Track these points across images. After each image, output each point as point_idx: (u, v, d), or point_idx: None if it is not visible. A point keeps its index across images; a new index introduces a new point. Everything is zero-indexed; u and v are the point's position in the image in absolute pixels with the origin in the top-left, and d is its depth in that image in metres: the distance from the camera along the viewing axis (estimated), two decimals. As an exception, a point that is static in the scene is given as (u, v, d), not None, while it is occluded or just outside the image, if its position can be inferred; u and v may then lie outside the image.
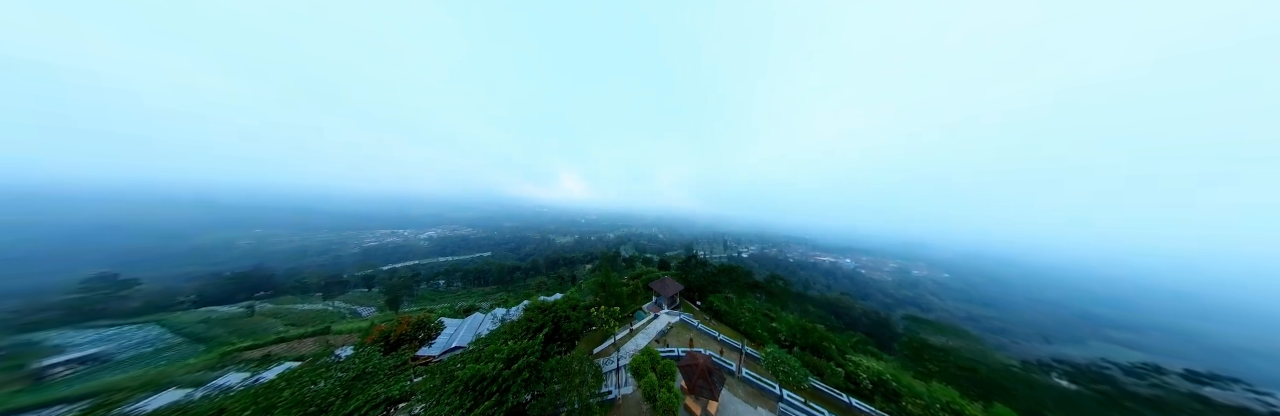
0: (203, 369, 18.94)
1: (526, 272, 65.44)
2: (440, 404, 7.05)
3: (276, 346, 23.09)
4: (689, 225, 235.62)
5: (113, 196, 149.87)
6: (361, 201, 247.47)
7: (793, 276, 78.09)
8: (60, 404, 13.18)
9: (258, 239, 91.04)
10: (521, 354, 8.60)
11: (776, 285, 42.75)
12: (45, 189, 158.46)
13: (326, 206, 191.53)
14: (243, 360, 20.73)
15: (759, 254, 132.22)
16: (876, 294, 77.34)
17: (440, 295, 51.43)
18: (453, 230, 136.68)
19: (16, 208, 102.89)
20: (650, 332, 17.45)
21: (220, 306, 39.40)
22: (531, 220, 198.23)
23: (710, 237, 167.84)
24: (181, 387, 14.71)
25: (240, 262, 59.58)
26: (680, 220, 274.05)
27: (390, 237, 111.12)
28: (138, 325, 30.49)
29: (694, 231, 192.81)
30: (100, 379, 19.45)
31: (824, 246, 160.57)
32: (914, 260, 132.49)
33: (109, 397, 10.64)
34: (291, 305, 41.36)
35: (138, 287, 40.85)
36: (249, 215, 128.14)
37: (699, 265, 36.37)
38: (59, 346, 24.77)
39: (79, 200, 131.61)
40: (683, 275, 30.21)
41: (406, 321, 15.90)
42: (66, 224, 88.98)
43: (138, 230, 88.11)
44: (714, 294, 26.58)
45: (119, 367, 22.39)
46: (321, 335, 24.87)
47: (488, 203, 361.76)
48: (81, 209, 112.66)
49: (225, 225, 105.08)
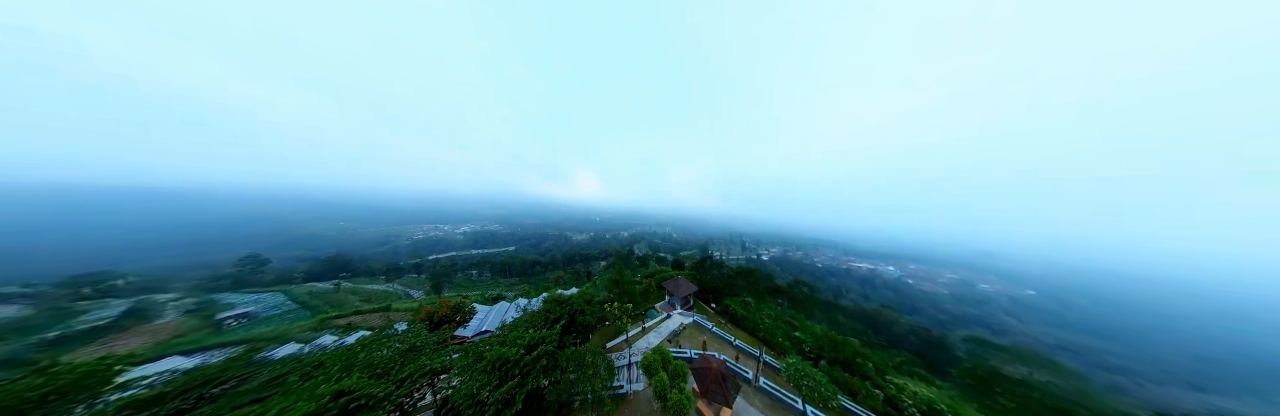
0: (308, 330, 24.57)
1: (546, 267, 70.12)
2: (473, 379, 8.05)
3: (354, 317, 28.81)
4: (703, 224, 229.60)
5: (247, 196, 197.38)
6: (411, 199, 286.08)
7: (820, 283, 71.87)
8: (230, 345, 18.49)
9: (340, 230, 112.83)
10: (540, 342, 9.22)
11: (800, 291, 40.34)
12: (208, 190, 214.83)
13: (387, 203, 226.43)
14: (333, 326, 26.17)
15: (781, 257, 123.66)
16: (927, 308, 66.93)
17: (473, 283, 57.91)
18: (483, 226, 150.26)
19: (191, 205, 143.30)
20: (662, 332, 17.50)
21: (318, 283, 49.96)
22: (550, 218, 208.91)
23: (727, 238, 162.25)
24: (297, 342, 18.88)
25: (329, 249, 74.44)
26: (694, 219, 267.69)
27: (433, 231, 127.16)
28: (271, 293, 40.68)
29: (709, 231, 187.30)
30: (250, 330, 26.54)
31: (859, 251, 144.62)
32: (981, 272, 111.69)
33: (255, 344, 14.69)
34: (364, 284, 50.64)
35: (269, 265, 54.09)
36: (334, 211, 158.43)
37: (715, 266, 35.36)
38: (231, 304, 34.54)
39: (227, 199, 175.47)
40: (697, 276, 29.69)
41: (447, 305, 18.51)
42: (223, 216, 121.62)
43: (264, 222, 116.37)
44: (731, 297, 25.82)
45: (261, 323, 30.55)
46: (384, 311, 30.14)
47: (513, 201, 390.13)
48: (230, 205, 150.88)
49: (318, 219, 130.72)
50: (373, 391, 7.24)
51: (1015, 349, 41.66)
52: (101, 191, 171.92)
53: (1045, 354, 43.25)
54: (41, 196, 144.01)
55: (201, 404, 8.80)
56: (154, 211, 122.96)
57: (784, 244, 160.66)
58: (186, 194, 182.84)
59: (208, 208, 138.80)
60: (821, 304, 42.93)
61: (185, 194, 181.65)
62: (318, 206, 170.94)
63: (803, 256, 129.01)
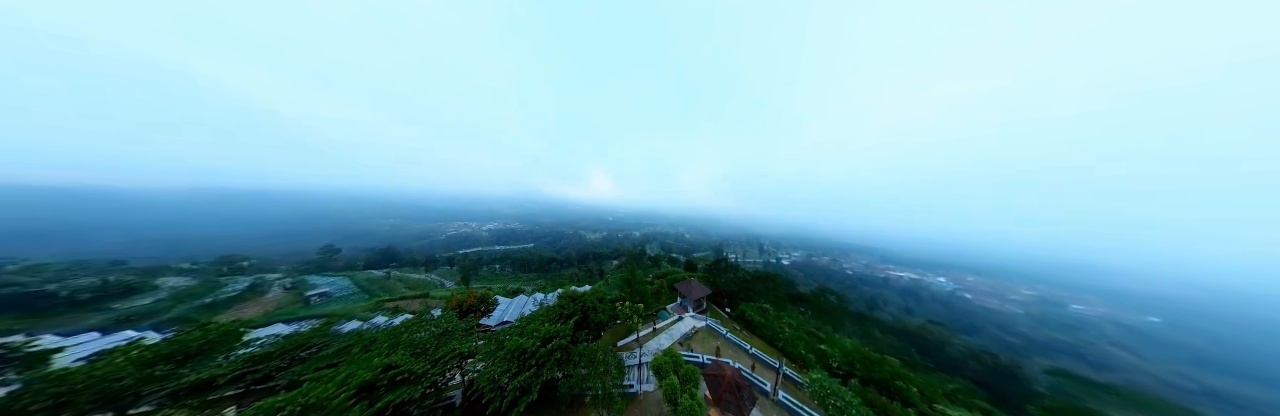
0: (366, 310, 29.22)
1: (561, 264, 73.48)
2: (494, 365, 8.76)
3: (400, 301, 33.48)
4: (717, 225, 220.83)
5: (319, 196, 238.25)
6: (445, 199, 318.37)
7: (852, 292, 64.74)
8: (313, 318, 22.81)
9: (391, 226, 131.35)
10: (554, 336, 9.66)
11: (827, 300, 37.46)
12: (294, 192, 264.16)
13: (425, 202, 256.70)
14: (385, 308, 30.64)
15: (804, 262, 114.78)
16: (990, 328, 56.29)
17: (496, 277, 63.30)
18: (505, 224, 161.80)
19: (285, 204, 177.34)
20: (674, 334, 17.39)
21: (374, 271, 58.64)
22: (565, 217, 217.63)
23: (743, 240, 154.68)
24: (358, 320, 22.99)
25: (381, 242, 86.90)
26: (708, 220, 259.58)
27: (463, 228, 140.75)
28: (340, 277, 49.01)
29: (723, 232, 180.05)
30: (326, 307, 32.57)
31: (899, 258, 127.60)
32: (1073, 290, 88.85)
33: (330, 319, 17.92)
34: (408, 274, 58.06)
35: (340, 254, 65.70)
36: (384, 209, 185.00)
37: (730, 269, 33.98)
38: (314, 285, 42.46)
39: (306, 199, 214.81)
40: (711, 278, 28.65)
41: (474, 295, 20.28)
42: (305, 213, 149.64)
43: (332, 218, 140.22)
44: (747, 302, 24.74)
45: (334, 302, 36.83)
46: (423, 297, 34.50)
47: (531, 201, 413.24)
48: (308, 204, 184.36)
49: (372, 216, 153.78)
50: (413, 368, 8.32)
51: (1129, 391, 33.28)
52: (231, 193, 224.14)
53: (1180, 402, 32.94)
54: (193, 197, 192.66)
55: (294, 364, 11.00)
56: (263, 209, 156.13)
57: (807, 247, 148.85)
58: (281, 195, 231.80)
59: (295, 206, 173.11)
60: (852, 315, 38.86)
61: (280, 195, 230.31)
62: (371, 205, 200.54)
63: (830, 262, 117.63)
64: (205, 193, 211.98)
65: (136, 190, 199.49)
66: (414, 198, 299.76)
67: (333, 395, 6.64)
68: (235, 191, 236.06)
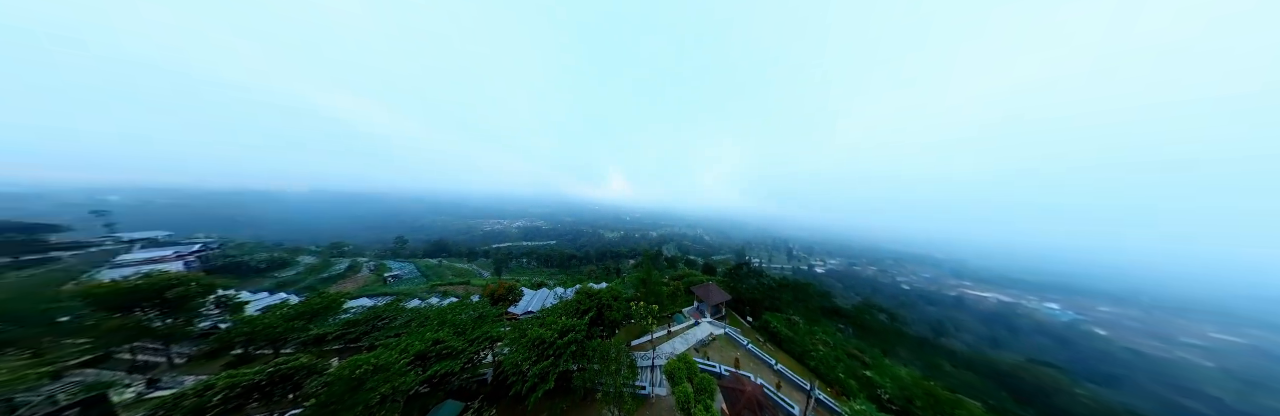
0: (424, 291, 34.99)
1: (581, 261, 77.53)
2: (517, 351, 9.55)
3: (448, 286, 39.25)
4: (740, 227, 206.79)
5: (391, 197, 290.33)
6: (481, 197, 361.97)
7: (909, 312, 53.35)
8: (388, 295, 28.11)
9: (442, 222, 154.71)
10: (571, 330, 10.07)
11: (873, 318, 32.53)
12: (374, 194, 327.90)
13: (467, 200, 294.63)
14: (438, 291, 36.25)
15: (844, 271, 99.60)
16: (1147, 382, 35.97)
17: (523, 270, 69.71)
18: (531, 222, 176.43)
19: (369, 203, 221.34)
20: (689, 339, 16.86)
21: (429, 259, 70.54)
22: (585, 216, 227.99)
23: (768, 243, 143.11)
24: (418, 299, 27.40)
25: (434, 235, 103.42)
26: (729, 221, 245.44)
27: (496, 225, 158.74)
28: (408, 263, 59.80)
29: (746, 234, 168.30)
30: (397, 287, 39.94)
31: (981, 273, 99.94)
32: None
33: (400, 297, 22.15)
34: (454, 263, 67.82)
35: (407, 244, 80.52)
36: (437, 207, 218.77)
37: (753, 275, 31.38)
38: (390, 268, 52.63)
39: (381, 199, 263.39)
40: (731, 283, 27.01)
41: (504, 285, 22.70)
42: (381, 210, 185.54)
43: (400, 214, 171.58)
44: (772, 312, 22.88)
45: (404, 283, 44.74)
46: (465, 284, 39.72)
47: (554, 200, 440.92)
48: (382, 203, 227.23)
49: (428, 212, 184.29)
50: (455, 344, 9.64)
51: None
52: (334, 194, 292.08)
53: None
54: (312, 196, 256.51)
55: (373, 330, 13.68)
56: (355, 206, 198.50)
57: (847, 255, 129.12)
58: (366, 195, 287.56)
59: (375, 204, 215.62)
60: (910, 340, 32.75)
61: (365, 195, 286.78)
62: (426, 204, 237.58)
63: (877, 273, 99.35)
64: (321, 194, 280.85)
65: (282, 192, 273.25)
66: (458, 197, 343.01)
67: (395, 360, 8.07)
68: (337, 192, 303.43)
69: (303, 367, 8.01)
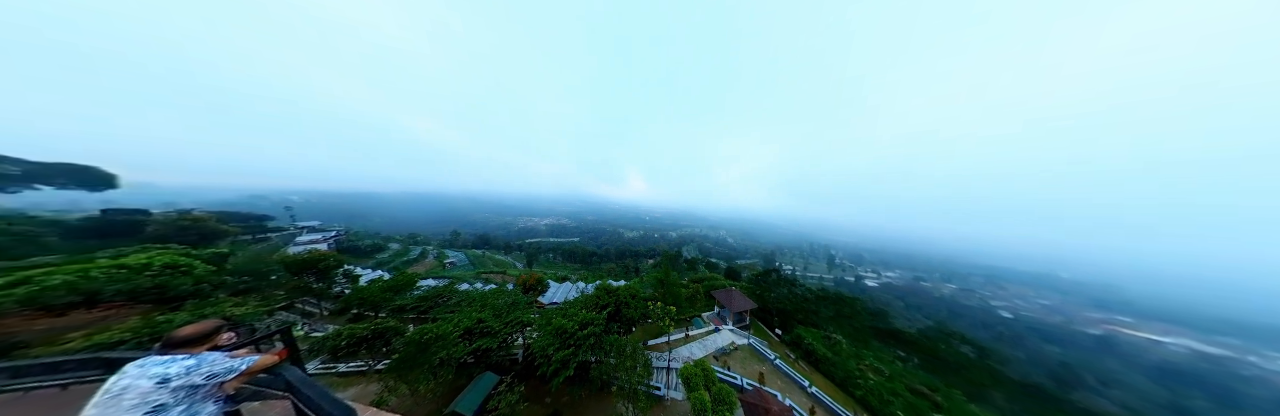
0: (471, 277, 41.34)
1: (601, 258, 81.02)
2: (543, 337, 10.48)
3: (490, 274, 45.59)
4: (769, 230, 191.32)
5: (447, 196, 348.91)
6: (513, 197, 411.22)
7: (1012, 348, 38.86)
8: (445, 279, 34.04)
9: (485, 219, 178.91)
10: (590, 323, 10.55)
11: (950, 349, 26.48)
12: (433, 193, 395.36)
13: (503, 200, 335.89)
14: (482, 277, 42.29)
15: (906, 286, 79.51)
16: None
17: (550, 264, 76.41)
18: (557, 220, 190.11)
19: (433, 202, 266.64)
20: (707, 345, 16.24)
21: (476, 250, 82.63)
22: (605, 215, 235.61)
23: (804, 248, 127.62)
24: (467, 283, 32.55)
25: (479, 230, 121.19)
26: (756, 223, 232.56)
27: (527, 222, 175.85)
28: (462, 252, 71.14)
29: (777, 238, 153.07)
30: (453, 272, 47.85)
31: (1145, 305, 66.35)
32: None
33: (454, 281, 26.66)
34: (494, 255, 78.34)
35: (461, 236, 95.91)
36: (480, 206, 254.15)
37: (783, 283, 28.19)
38: (448, 255, 63.37)
39: (441, 197, 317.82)
40: (757, 290, 24.82)
41: (534, 276, 25.33)
42: (442, 208, 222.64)
43: (454, 212, 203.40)
44: (807, 327, 20.58)
45: (458, 269, 53.59)
46: (503, 274, 45.56)
47: (578, 200, 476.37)
48: (443, 202, 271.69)
49: (474, 211, 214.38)
50: (493, 324, 11.19)
51: None
52: (410, 194, 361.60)
53: None
54: (398, 196, 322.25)
55: (435, 306, 16.92)
56: (424, 204, 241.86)
57: (910, 267, 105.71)
58: (429, 195, 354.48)
59: (437, 202, 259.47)
60: (1010, 385, 25.19)
61: (429, 195, 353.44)
62: (473, 202, 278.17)
63: (957, 293, 76.56)
64: (401, 194, 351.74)
65: (378, 192, 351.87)
66: (497, 197, 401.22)
67: (449, 332, 9.87)
68: (411, 193, 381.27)
69: (391, 328, 10.58)
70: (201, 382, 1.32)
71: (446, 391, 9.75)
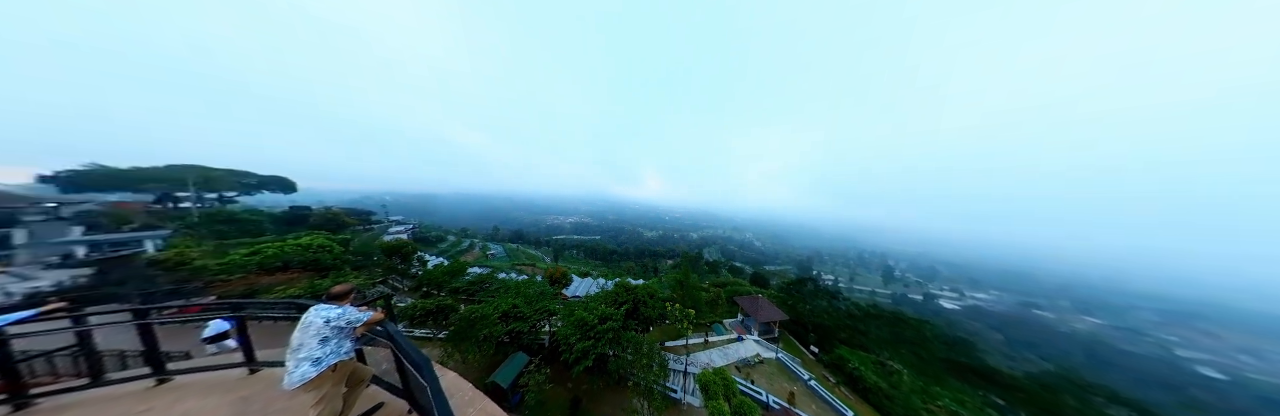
0: (508, 268, 46.96)
1: (621, 256, 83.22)
2: (566, 327, 11.30)
3: (522, 266, 50.99)
4: (807, 233, 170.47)
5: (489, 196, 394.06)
6: (542, 197, 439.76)
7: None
8: (487, 267, 39.45)
9: (519, 217, 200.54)
10: (609, 318, 11.00)
11: (1089, 410, 19.07)
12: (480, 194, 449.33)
13: (534, 200, 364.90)
14: (516, 268, 47.49)
15: (1008, 312, 58.96)
16: None
17: (574, 260, 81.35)
18: (580, 218, 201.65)
19: (479, 201, 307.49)
20: (729, 354, 15.50)
21: (510, 243, 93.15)
22: (625, 215, 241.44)
23: (851, 257, 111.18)
24: (503, 273, 36.77)
25: (514, 226, 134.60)
26: (790, 225, 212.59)
27: (554, 220, 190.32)
28: (501, 245, 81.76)
29: (815, 242, 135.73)
30: (494, 262, 55.00)
31: None
32: None
33: (495, 270, 30.79)
34: (526, 249, 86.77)
35: (500, 231, 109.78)
36: (515, 204, 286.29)
37: (822, 294, 25.66)
38: (490, 247, 74.43)
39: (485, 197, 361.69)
40: (788, 301, 22.64)
41: (559, 270, 27.45)
42: (484, 207, 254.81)
43: (495, 210, 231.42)
44: (853, 348, 18.16)
45: (498, 259, 61.52)
46: (533, 266, 50.03)
47: (599, 199, 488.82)
48: (486, 201, 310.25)
49: (510, 209, 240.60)
50: (525, 311, 12.50)
51: None
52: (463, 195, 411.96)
53: None
54: (452, 196, 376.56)
55: (480, 291, 19.53)
56: (472, 203, 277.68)
57: (1016, 288, 79.05)
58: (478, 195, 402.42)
59: (482, 202, 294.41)
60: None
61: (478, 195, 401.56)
62: (510, 202, 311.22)
63: (1107, 330, 51.77)
64: (456, 194, 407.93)
65: (437, 193, 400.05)
66: (528, 197, 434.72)
67: (490, 314, 11.47)
68: (461, 193, 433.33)
69: (448, 305, 12.87)
70: (344, 325, 1.95)
71: (488, 364, 11.37)
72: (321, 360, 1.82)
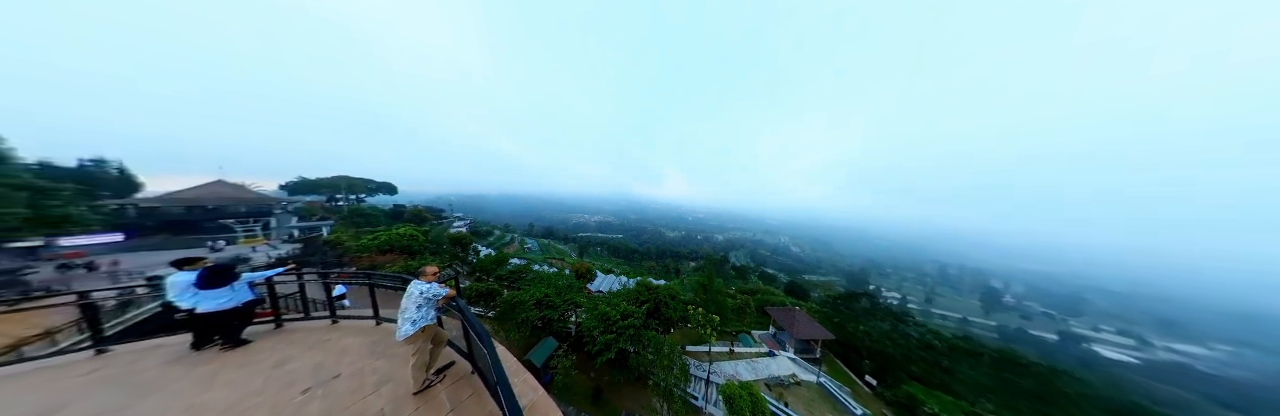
0: (541, 261, 52.01)
1: (642, 256, 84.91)
2: (589, 320, 11.98)
3: (552, 259, 56.11)
4: (853, 237, 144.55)
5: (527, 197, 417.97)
6: (570, 197, 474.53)
7: None
8: (524, 260, 44.61)
9: (550, 215, 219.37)
10: (630, 315, 11.37)
11: None
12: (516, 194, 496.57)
13: (563, 200, 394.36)
14: (547, 261, 52.58)
15: (1250, 380, 27.36)
16: None
17: (598, 256, 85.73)
18: (604, 217, 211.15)
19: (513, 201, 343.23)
20: (757, 369, 14.29)
21: (543, 239, 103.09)
22: (647, 214, 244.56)
23: (929, 271, 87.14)
24: (537, 264, 41.48)
25: (546, 223, 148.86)
26: (832, 227, 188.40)
27: (580, 218, 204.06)
28: (533, 240, 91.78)
29: (869, 249, 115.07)
30: (530, 255, 62.04)
31: None
32: None
33: (531, 262, 34.66)
34: (556, 244, 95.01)
35: (535, 227, 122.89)
36: (548, 203, 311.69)
37: (883, 315, 21.19)
38: (527, 241, 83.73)
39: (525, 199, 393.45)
40: (834, 318, 19.93)
41: (584, 265, 29.87)
42: (524, 206, 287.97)
43: (532, 208, 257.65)
44: (926, 385, 14.88)
45: (531, 253, 69.13)
46: (562, 260, 54.40)
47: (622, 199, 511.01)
48: (525, 202, 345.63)
49: (543, 208, 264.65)
50: (555, 300, 13.76)
51: None
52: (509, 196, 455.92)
53: None
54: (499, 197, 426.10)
55: (516, 281, 22.23)
56: (512, 202, 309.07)
57: (1269, 343, 42.21)
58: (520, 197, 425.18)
59: (516, 201, 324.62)
60: None
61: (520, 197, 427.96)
62: (543, 202, 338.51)
63: None
64: (500, 195, 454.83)
65: (486, 194, 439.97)
66: (557, 197, 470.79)
67: (526, 300, 12.98)
68: (503, 193, 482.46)
69: (495, 290, 15.41)
70: (431, 297, 2.47)
71: (525, 344, 12.87)
72: (416, 322, 2.38)
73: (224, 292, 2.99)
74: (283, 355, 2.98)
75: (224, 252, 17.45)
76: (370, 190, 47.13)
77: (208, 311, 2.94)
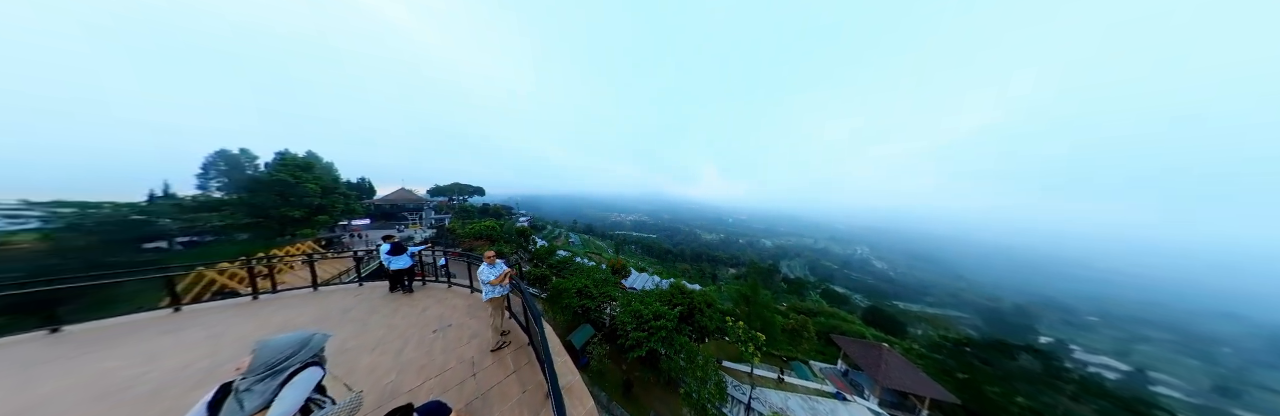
0: (582, 254, 57.60)
1: (676, 257, 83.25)
2: (623, 314, 12.29)
3: (590, 254, 61.25)
4: (986, 252, 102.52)
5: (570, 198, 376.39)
6: (608, 197, 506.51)
7: None
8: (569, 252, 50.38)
9: (590, 213, 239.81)
10: (662, 316, 11.13)
11: None
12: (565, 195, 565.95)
13: (601, 199, 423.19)
14: (587, 255, 58.57)
15: None
16: None
17: (632, 254, 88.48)
18: (639, 217, 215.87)
19: (561, 200, 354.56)
20: (814, 409, 11.61)
21: (584, 235, 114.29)
22: (681, 215, 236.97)
23: (1156, 320, 48.52)
24: (579, 257, 46.56)
25: (586, 221, 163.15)
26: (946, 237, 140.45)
27: (617, 217, 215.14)
28: (576, 235, 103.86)
29: (1032, 273, 76.65)
30: (572, 248, 69.83)
31: None
32: None
33: (573, 253, 38.54)
34: (595, 240, 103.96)
35: (578, 224, 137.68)
36: (588, 203, 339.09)
37: (1062, 378, 14.32)
38: (571, 236, 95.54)
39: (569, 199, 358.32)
40: (958, 373, 14.68)
41: (620, 262, 31.73)
42: (568, 205, 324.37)
43: (576, 206, 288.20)
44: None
45: (573, 247, 77.94)
46: (599, 255, 59.26)
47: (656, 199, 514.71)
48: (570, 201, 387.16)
49: (584, 207, 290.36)
50: (593, 291, 15.08)
51: None
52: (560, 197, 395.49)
53: None
54: (551, 198, 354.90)
55: (563, 270, 25.08)
56: (560, 201, 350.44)
57: None
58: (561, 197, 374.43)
59: (562, 201, 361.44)
60: None
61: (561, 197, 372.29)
62: (583, 202, 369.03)
63: None
64: (551, 195, 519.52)
65: (540, 195, 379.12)
66: (597, 197, 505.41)
67: (569, 288, 14.55)
68: (553, 193, 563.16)
69: (546, 276, 18.16)
70: (499, 272, 3.19)
71: (567, 326, 14.54)
72: (494, 290, 3.09)
73: (404, 258, 4.87)
74: (425, 304, 4.51)
75: (403, 233, 25.15)
76: (469, 192, 63.57)
77: (396, 269, 4.88)
